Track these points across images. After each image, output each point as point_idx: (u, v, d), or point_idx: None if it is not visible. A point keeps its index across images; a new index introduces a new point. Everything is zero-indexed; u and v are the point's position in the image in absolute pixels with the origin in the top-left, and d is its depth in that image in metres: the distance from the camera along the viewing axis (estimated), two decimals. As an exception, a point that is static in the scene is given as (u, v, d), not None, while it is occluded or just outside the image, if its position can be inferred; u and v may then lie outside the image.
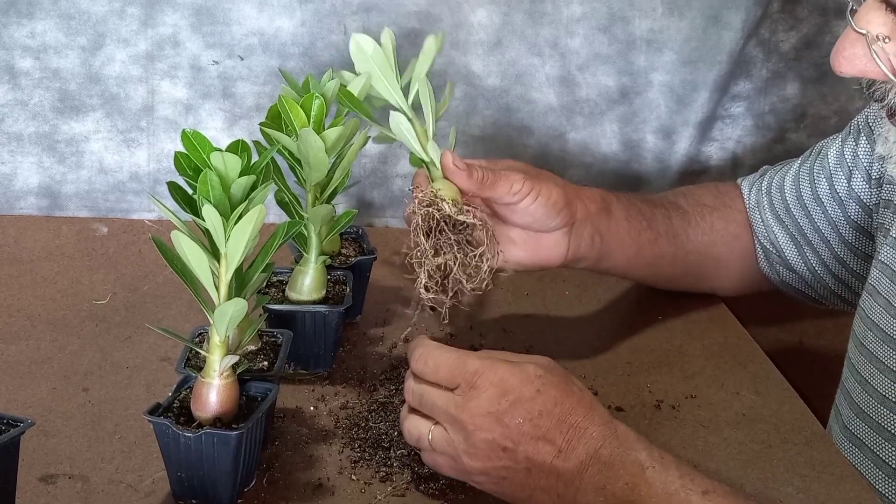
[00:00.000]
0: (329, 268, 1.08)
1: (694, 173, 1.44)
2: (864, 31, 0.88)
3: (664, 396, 1.04)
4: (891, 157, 0.99)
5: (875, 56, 0.88)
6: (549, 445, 0.82)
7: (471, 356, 0.86)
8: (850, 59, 0.90)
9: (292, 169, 1.02)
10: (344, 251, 1.16)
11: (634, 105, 1.40)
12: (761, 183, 1.23)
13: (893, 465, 0.99)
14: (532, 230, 1.03)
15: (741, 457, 0.95)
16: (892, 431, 0.99)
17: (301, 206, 1.04)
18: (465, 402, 0.84)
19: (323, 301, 1.04)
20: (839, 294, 1.19)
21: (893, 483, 0.99)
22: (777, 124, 1.44)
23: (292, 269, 1.06)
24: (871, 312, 1.04)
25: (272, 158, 0.90)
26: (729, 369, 1.11)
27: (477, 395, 0.83)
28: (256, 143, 1.01)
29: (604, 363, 1.11)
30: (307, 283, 1.04)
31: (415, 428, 0.87)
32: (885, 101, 0.92)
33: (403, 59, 1.01)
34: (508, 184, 0.99)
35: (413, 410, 0.88)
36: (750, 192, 1.23)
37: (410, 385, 0.88)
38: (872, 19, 0.88)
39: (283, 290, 1.06)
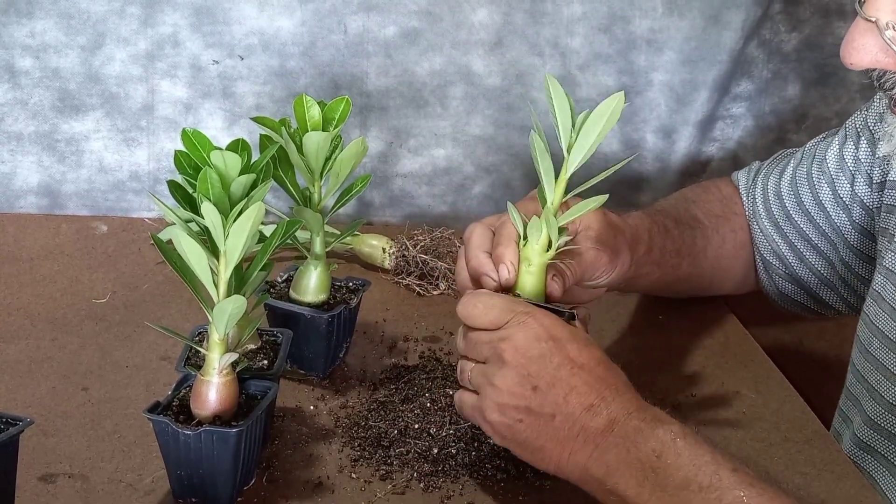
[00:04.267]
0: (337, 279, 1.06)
1: (694, 173, 1.44)
2: (873, 18, 0.84)
3: (665, 395, 1.04)
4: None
5: (889, 44, 0.84)
6: (580, 398, 0.81)
7: (522, 302, 0.87)
8: (861, 49, 0.85)
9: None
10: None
11: (634, 104, 1.40)
12: (755, 189, 1.20)
13: None
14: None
15: (741, 455, 0.95)
16: None
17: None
18: (510, 334, 0.84)
19: (323, 304, 1.03)
20: (845, 298, 1.17)
21: None
22: (778, 125, 1.44)
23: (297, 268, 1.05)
24: (876, 319, 1.03)
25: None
26: (729, 368, 1.11)
27: (524, 329, 0.84)
28: (264, 136, 0.99)
29: (604, 362, 1.11)
30: (311, 285, 1.02)
31: (463, 368, 0.88)
32: None
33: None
34: (593, 272, 0.98)
35: (464, 357, 0.89)
36: (747, 198, 1.21)
37: (459, 335, 0.89)
38: (882, 6, 0.84)
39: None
